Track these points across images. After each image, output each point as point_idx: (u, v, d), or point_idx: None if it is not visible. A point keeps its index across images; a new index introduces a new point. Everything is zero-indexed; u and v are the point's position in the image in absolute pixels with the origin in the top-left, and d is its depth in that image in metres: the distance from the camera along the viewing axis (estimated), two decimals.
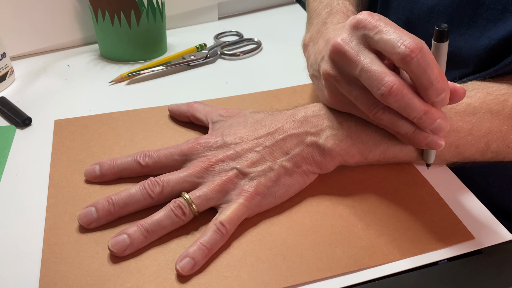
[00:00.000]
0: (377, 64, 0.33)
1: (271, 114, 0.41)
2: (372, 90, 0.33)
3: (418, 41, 0.31)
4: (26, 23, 0.59)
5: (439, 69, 0.31)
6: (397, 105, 0.32)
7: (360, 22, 0.34)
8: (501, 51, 0.41)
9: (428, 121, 0.33)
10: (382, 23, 0.33)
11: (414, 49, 0.30)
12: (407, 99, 0.32)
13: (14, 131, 0.47)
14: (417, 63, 0.31)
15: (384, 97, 0.32)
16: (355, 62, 0.33)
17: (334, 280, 0.32)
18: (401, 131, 0.35)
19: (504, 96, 0.39)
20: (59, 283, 0.31)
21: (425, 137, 0.35)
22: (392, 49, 0.31)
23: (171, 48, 0.65)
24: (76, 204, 0.37)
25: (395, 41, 0.31)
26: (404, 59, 0.31)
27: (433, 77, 0.31)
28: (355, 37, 0.34)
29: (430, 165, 0.40)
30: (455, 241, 0.34)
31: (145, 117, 0.48)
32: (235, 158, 0.37)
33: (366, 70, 0.33)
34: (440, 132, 0.34)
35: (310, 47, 0.44)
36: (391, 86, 0.31)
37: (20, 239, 0.35)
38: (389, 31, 0.32)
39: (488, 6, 0.42)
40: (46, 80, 0.57)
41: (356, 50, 0.34)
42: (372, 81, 0.32)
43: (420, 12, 0.49)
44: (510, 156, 0.40)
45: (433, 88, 0.31)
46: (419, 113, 0.32)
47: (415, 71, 0.31)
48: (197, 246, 0.33)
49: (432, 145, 0.35)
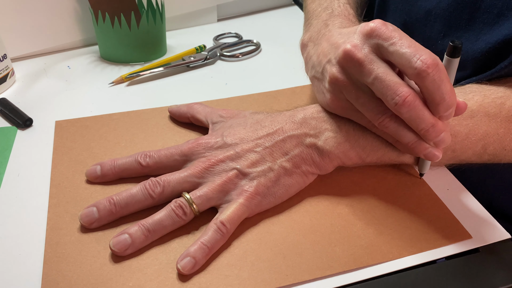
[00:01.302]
0: (391, 74, 0.33)
1: (271, 115, 0.41)
2: (385, 99, 0.33)
3: (434, 57, 0.31)
4: (27, 25, 0.60)
5: (451, 85, 0.32)
6: (408, 116, 0.33)
7: (374, 31, 0.34)
8: (497, 54, 0.41)
9: (434, 134, 0.33)
10: (397, 34, 0.33)
11: (430, 65, 0.31)
12: (419, 111, 0.33)
13: (15, 132, 0.47)
14: (432, 79, 0.31)
15: (398, 106, 0.33)
16: (369, 71, 0.34)
17: (334, 278, 0.32)
18: (403, 140, 0.36)
19: (501, 99, 0.39)
20: (61, 282, 0.32)
21: (425, 148, 0.35)
22: (408, 63, 0.32)
23: (171, 50, 0.65)
24: (77, 204, 0.38)
25: (411, 56, 0.32)
26: (420, 74, 0.31)
27: (445, 93, 0.32)
28: (367, 45, 0.34)
29: (423, 174, 0.40)
30: (452, 240, 0.35)
31: (146, 118, 0.49)
32: (235, 159, 0.37)
33: (380, 79, 0.33)
34: (442, 145, 0.35)
35: (310, 47, 0.44)
36: (406, 96, 0.32)
37: (22, 239, 0.35)
38: (404, 44, 0.32)
39: (485, 10, 0.42)
40: (47, 81, 0.57)
41: (369, 58, 0.34)
42: (386, 90, 0.33)
43: (418, 15, 0.50)
44: (506, 158, 0.40)
45: (444, 104, 0.32)
46: (427, 126, 0.33)
47: (429, 87, 0.32)
48: (198, 245, 0.33)
49: (430, 156, 0.36)
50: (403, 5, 0.52)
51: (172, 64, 0.59)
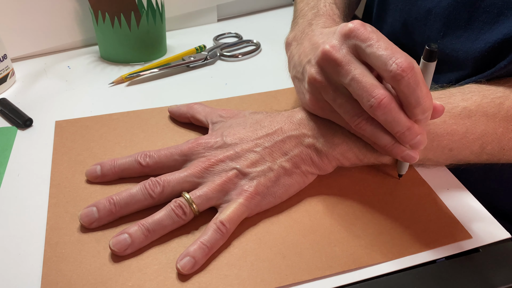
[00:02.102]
0: (368, 75, 0.33)
1: (270, 115, 0.41)
2: (361, 101, 0.33)
3: (410, 60, 0.31)
4: (27, 25, 0.60)
5: (427, 88, 0.32)
6: (383, 118, 0.33)
7: (352, 31, 0.34)
8: (497, 54, 0.41)
9: (410, 136, 0.33)
10: (375, 36, 0.33)
11: (405, 68, 0.31)
12: (394, 114, 0.32)
13: (15, 132, 0.47)
14: (407, 82, 0.31)
15: (373, 109, 0.32)
16: (346, 71, 0.34)
17: (333, 278, 0.32)
18: (380, 143, 0.35)
19: (500, 99, 0.39)
20: (61, 282, 0.32)
21: (402, 150, 0.35)
22: (383, 66, 0.32)
23: (171, 50, 0.65)
24: (77, 204, 0.38)
25: (387, 58, 0.31)
26: (395, 77, 0.31)
27: (421, 97, 0.32)
28: (345, 46, 0.34)
29: (401, 175, 0.40)
30: (452, 240, 0.35)
31: (145, 118, 0.49)
32: (235, 158, 0.37)
33: (357, 80, 0.33)
34: (418, 148, 0.34)
35: (293, 46, 0.44)
36: (381, 99, 0.32)
37: (22, 239, 0.35)
38: (381, 46, 0.32)
39: (484, 10, 0.42)
40: (47, 81, 0.57)
41: (347, 59, 0.34)
42: (362, 92, 0.33)
43: (418, 15, 0.50)
44: (505, 158, 0.40)
45: (420, 108, 0.32)
46: (403, 128, 0.33)
47: (404, 90, 0.32)
48: (197, 245, 0.33)
49: (407, 158, 0.35)
50: (403, 4, 0.52)
51: (172, 64, 0.59)
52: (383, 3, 0.58)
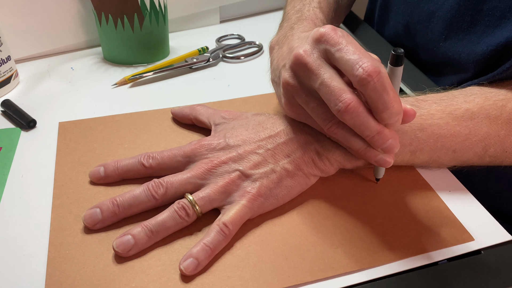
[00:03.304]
0: (336, 80, 0.33)
1: (273, 117, 0.41)
2: (330, 105, 0.33)
3: (377, 65, 0.31)
4: (31, 27, 0.60)
5: (394, 93, 0.32)
6: (352, 122, 0.33)
7: (322, 36, 0.34)
8: (499, 57, 0.41)
9: (380, 141, 0.33)
10: (344, 40, 0.33)
11: (371, 73, 0.31)
12: (362, 118, 0.32)
13: (19, 133, 0.47)
14: (373, 87, 0.31)
15: (341, 113, 0.33)
16: (316, 75, 0.34)
17: (336, 280, 0.32)
18: (352, 147, 0.36)
19: (502, 102, 0.39)
20: (64, 283, 0.32)
21: (375, 155, 0.35)
22: (350, 70, 0.32)
23: (174, 51, 0.65)
24: (81, 205, 0.38)
25: (354, 63, 0.31)
26: (361, 82, 0.31)
27: (388, 101, 0.31)
28: (316, 50, 0.34)
29: (379, 179, 0.40)
30: (455, 242, 0.35)
31: (148, 120, 0.49)
32: (238, 160, 0.38)
33: (325, 84, 0.33)
34: (390, 152, 0.34)
35: (275, 50, 0.44)
36: (348, 103, 0.32)
37: (25, 240, 0.35)
38: (350, 50, 0.32)
39: (487, 13, 0.42)
40: (50, 82, 0.57)
41: (317, 63, 0.34)
42: (330, 96, 0.33)
43: (420, 17, 0.50)
44: (507, 160, 0.40)
45: (387, 112, 0.32)
46: (372, 133, 0.33)
47: (371, 95, 0.32)
48: (200, 246, 0.33)
49: (381, 162, 0.35)
50: (405, 7, 0.53)
51: (175, 66, 0.59)
52: (385, 6, 0.58)
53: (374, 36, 0.62)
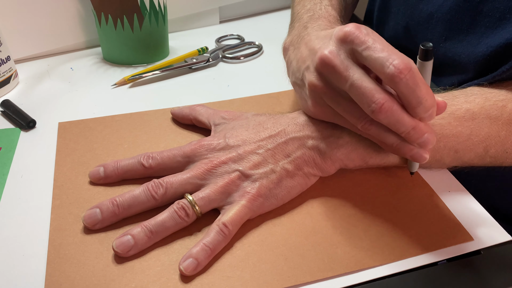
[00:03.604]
0: (367, 80, 0.33)
1: (273, 117, 0.41)
2: (362, 106, 0.33)
3: (407, 61, 0.31)
4: (30, 27, 0.60)
5: (427, 87, 0.32)
6: (386, 121, 0.33)
7: (347, 36, 0.33)
8: (499, 58, 0.41)
9: (416, 135, 0.33)
10: (370, 38, 0.32)
11: (403, 70, 0.31)
12: (397, 116, 0.32)
13: (19, 134, 0.47)
14: (406, 84, 0.31)
15: (375, 114, 0.32)
16: (345, 77, 0.33)
17: (335, 280, 0.32)
18: (387, 142, 0.35)
19: (502, 102, 0.39)
20: (64, 283, 0.32)
21: (410, 149, 0.35)
22: (381, 69, 0.31)
23: (173, 52, 0.65)
24: (80, 206, 0.38)
25: (384, 60, 0.31)
26: (393, 79, 0.31)
27: (421, 96, 0.31)
28: (343, 51, 0.34)
29: (413, 173, 0.40)
30: (454, 242, 0.35)
31: (148, 120, 0.49)
32: (238, 160, 0.38)
33: (356, 86, 0.33)
34: (427, 146, 0.34)
35: (290, 51, 0.44)
36: (382, 103, 0.32)
37: (25, 240, 0.35)
38: (377, 48, 0.32)
39: (486, 14, 0.42)
40: (50, 83, 0.57)
41: (345, 64, 0.34)
42: (362, 98, 0.33)
43: (420, 18, 0.50)
44: (508, 161, 0.40)
45: (421, 107, 0.32)
46: (407, 129, 0.33)
47: (404, 91, 0.31)
48: (200, 246, 0.33)
49: (416, 157, 0.35)
50: (405, 8, 0.53)
51: (175, 66, 0.59)
52: (384, 7, 0.58)
53: None
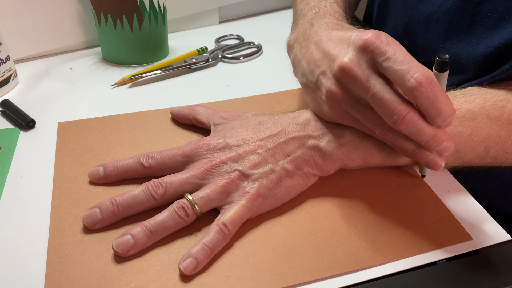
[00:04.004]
0: (388, 91, 0.33)
1: (273, 117, 0.41)
2: (384, 117, 0.33)
3: (428, 74, 0.31)
4: (30, 27, 0.60)
5: (446, 97, 0.32)
6: (407, 132, 0.33)
7: (368, 45, 0.33)
8: (498, 58, 0.41)
9: (435, 144, 0.34)
10: (391, 49, 0.32)
11: (423, 83, 0.31)
12: (418, 126, 0.33)
13: (18, 133, 0.47)
14: (426, 97, 0.31)
15: (397, 124, 0.33)
16: (366, 88, 0.34)
17: (335, 279, 0.33)
18: (404, 148, 0.36)
19: (502, 102, 0.39)
20: (64, 283, 0.32)
21: (426, 156, 0.35)
22: (401, 81, 0.32)
23: (173, 52, 0.65)
24: (80, 205, 0.38)
25: (405, 73, 0.31)
26: (414, 92, 0.31)
27: (441, 107, 0.32)
28: (363, 60, 0.34)
29: (425, 176, 0.40)
30: (453, 242, 0.35)
31: (147, 120, 0.49)
32: (237, 160, 0.38)
33: (377, 97, 0.33)
34: (445, 153, 0.35)
35: (296, 49, 0.44)
36: (404, 115, 0.32)
37: (25, 240, 0.35)
38: (398, 60, 0.32)
39: (486, 14, 0.42)
40: (49, 83, 0.57)
41: (366, 74, 0.34)
42: (384, 109, 0.33)
43: (419, 19, 0.50)
44: (508, 161, 0.40)
45: (441, 117, 0.32)
46: (427, 137, 0.33)
47: (424, 104, 0.32)
48: (200, 246, 0.33)
49: (431, 164, 0.36)
50: (404, 8, 0.53)
51: (174, 66, 0.59)
52: (383, 7, 0.58)
53: None
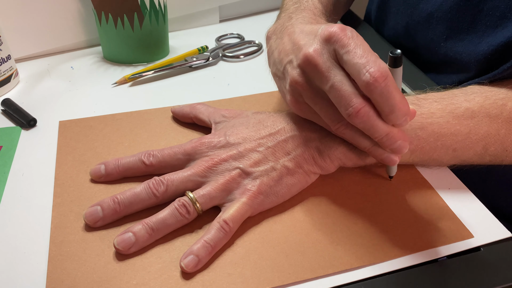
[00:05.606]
0: (347, 83, 0.33)
1: (273, 115, 0.41)
2: (340, 109, 0.34)
3: (383, 69, 0.31)
4: (31, 26, 0.60)
5: (400, 95, 0.32)
6: (362, 126, 0.33)
7: (331, 36, 0.33)
8: (500, 57, 0.41)
9: (389, 142, 0.34)
10: (352, 42, 0.32)
11: (378, 78, 0.31)
12: (372, 121, 0.33)
13: (20, 132, 0.47)
14: (380, 92, 0.31)
15: (351, 117, 0.33)
16: (326, 78, 0.34)
17: (336, 277, 0.33)
18: (360, 146, 0.36)
19: (502, 101, 0.39)
20: (66, 280, 0.32)
21: (382, 153, 0.36)
22: (357, 75, 0.32)
23: (173, 51, 0.65)
24: (81, 203, 0.38)
25: (361, 67, 0.31)
26: (368, 87, 0.31)
27: (394, 104, 0.32)
28: (326, 50, 0.34)
29: (392, 177, 0.40)
30: (454, 239, 0.35)
31: (148, 118, 0.49)
32: (238, 158, 0.38)
33: (336, 88, 0.33)
34: (399, 152, 0.35)
35: (272, 40, 0.44)
36: (359, 108, 0.32)
37: (26, 238, 0.35)
38: (357, 54, 0.32)
39: (487, 13, 0.42)
40: (50, 82, 0.57)
41: (327, 65, 0.34)
42: (340, 100, 0.33)
43: (420, 18, 0.50)
44: (507, 159, 0.40)
45: (394, 115, 0.32)
46: (381, 135, 0.33)
47: (378, 99, 0.32)
48: (201, 243, 0.33)
49: (387, 160, 0.36)
50: (404, 7, 0.53)
51: (175, 65, 0.59)
52: (383, 7, 0.58)
53: (373, 36, 0.62)
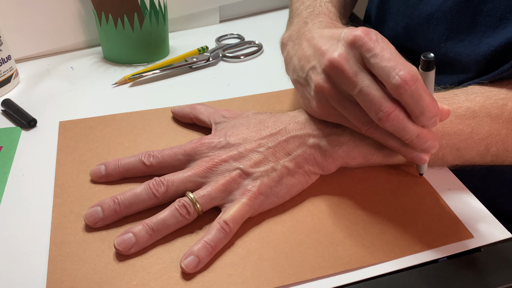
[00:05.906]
0: (375, 87, 0.33)
1: (274, 115, 0.41)
2: (370, 113, 0.34)
3: (413, 73, 0.31)
4: (31, 26, 0.60)
5: (430, 97, 0.32)
6: (392, 129, 0.33)
7: (357, 40, 0.33)
8: (500, 57, 0.41)
9: (419, 143, 0.34)
10: (379, 45, 0.32)
11: (408, 81, 0.31)
12: (403, 124, 0.33)
13: (20, 133, 0.47)
14: (410, 95, 0.31)
15: (382, 121, 0.33)
16: (354, 83, 0.34)
17: (336, 277, 0.33)
18: (389, 146, 0.36)
19: (503, 101, 0.39)
20: (66, 281, 0.32)
21: (411, 152, 0.36)
22: (386, 78, 0.32)
23: (174, 51, 0.65)
24: (81, 204, 0.38)
25: (390, 71, 0.31)
26: (398, 90, 0.31)
27: (425, 106, 0.32)
28: (352, 55, 0.34)
29: (422, 174, 0.41)
30: (454, 239, 0.35)
31: (148, 119, 0.49)
32: (238, 158, 0.38)
33: (365, 93, 0.33)
34: (429, 152, 0.35)
35: (289, 46, 0.44)
36: (389, 112, 0.32)
37: (27, 238, 0.35)
38: (385, 57, 0.32)
39: (487, 13, 0.42)
40: (51, 82, 0.57)
41: (354, 69, 0.34)
42: (370, 105, 0.33)
43: (420, 19, 0.50)
44: (509, 159, 0.40)
45: (424, 116, 0.32)
46: (412, 136, 0.33)
47: (408, 102, 0.32)
48: (201, 244, 0.33)
49: (417, 159, 0.36)
50: (404, 8, 0.53)
51: (175, 65, 0.59)
52: (383, 7, 0.58)
53: None
